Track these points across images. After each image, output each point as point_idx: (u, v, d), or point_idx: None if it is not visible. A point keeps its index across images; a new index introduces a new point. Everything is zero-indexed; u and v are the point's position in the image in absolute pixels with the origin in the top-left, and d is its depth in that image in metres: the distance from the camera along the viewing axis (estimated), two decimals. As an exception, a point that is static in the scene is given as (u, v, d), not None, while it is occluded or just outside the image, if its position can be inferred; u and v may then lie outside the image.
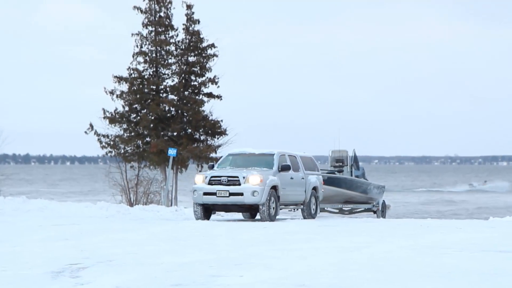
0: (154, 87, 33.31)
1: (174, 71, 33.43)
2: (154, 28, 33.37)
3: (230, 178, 22.46)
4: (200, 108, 33.10)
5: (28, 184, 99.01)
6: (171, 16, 33.56)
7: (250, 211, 23.83)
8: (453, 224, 22.10)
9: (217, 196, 22.44)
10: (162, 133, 32.96)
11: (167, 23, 33.42)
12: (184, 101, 33.16)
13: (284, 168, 23.26)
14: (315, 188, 25.04)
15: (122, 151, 33.02)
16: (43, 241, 15.39)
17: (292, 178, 23.78)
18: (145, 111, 33.03)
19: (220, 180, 22.52)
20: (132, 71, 33.18)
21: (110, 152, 33.13)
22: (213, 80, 33.36)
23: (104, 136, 32.97)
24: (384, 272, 10.69)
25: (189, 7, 33.49)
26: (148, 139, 33.11)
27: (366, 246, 14.43)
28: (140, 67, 33.31)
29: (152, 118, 32.82)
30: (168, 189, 31.46)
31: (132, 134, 33.12)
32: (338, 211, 33.43)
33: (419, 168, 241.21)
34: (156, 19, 33.34)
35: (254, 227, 19.73)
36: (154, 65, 33.37)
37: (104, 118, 32.92)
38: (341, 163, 33.88)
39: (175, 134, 32.98)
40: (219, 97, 33.60)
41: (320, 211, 27.21)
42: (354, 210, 33.41)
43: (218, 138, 33.41)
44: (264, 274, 10.48)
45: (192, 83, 33.51)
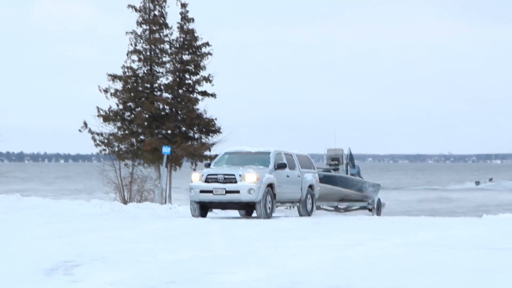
0: (148, 85, 33.27)
1: (168, 70, 33.40)
2: (148, 27, 33.33)
3: (226, 176, 22.59)
4: (194, 106, 33.09)
5: (23, 182, 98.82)
6: (166, 15, 33.53)
7: (247, 209, 23.93)
8: (446, 221, 22.16)
9: (213, 194, 22.57)
10: (156, 131, 32.93)
11: (161, 21, 33.38)
12: (178, 99, 33.13)
13: (280, 166, 23.40)
14: (311, 186, 25.14)
15: (116, 149, 32.98)
16: (37, 238, 15.38)
17: (288, 176, 23.89)
18: (139, 109, 33.00)
19: (216, 178, 22.65)
20: (126, 70, 33.14)
21: (104, 150, 33.09)
22: (207, 79, 33.34)
23: (98, 134, 32.93)
24: (378, 269, 10.72)
25: (183, 5, 33.45)
26: (142, 137, 33.07)
27: (360, 243, 14.46)
28: (135, 66, 33.29)
29: (146, 116, 32.80)
30: (162, 187, 31.45)
31: (126, 132, 33.08)
32: (333, 209, 33.52)
33: (414, 166, 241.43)
34: (151, 17, 33.30)
35: (249, 225, 19.75)
36: (149, 63, 33.35)
37: (98, 116, 32.87)
38: (336, 162, 33.96)
39: (169, 132, 32.95)
40: (213, 95, 33.59)
41: (316, 209, 27.28)
42: (349, 208, 33.49)
43: (212, 136, 33.39)
44: (258, 271, 10.50)
45: (186, 82, 33.48)
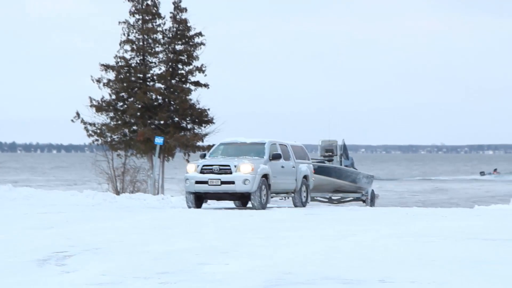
0: (141, 76, 33.21)
1: (161, 60, 33.34)
2: (141, 16, 33.25)
3: (221, 167, 22.66)
4: (187, 97, 33.05)
5: (17, 172, 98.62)
6: (158, 4, 33.45)
7: (242, 199, 24.01)
8: (438, 212, 22.21)
9: (208, 185, 22.64)
10: (149, 121, 32.89)
11: (154, 11, 33.30)
12: (171, 89, 33.09)
13: (275, 157, 23.49)
14: (305, 177, 25.22)
15: (109, 139, 32.93)
16: (29, 229, 15.37)
17: (283, 167, 23.97)
18: (132, 99, 32.94)
19: (211, 169, 22.71)
20: (119, 60, 33.07)
21: (97, 140, 33.04)
22: (200, 69, 33.29)
23: (90, 124, 32.87)
24: (369, 260, 10.75)
25: (176, -5, 33.36)
26: (135, 127, 33.03)
27: (352, 234, 14.49)
28: (127, 56, 33.23)
29: (139, 106, 32.75)
30: (155, 177, 31.44)
31: (119, 122, 33.03)
32: (327, 200, 33.57)
33: (407, 157, 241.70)
34: (143, 7, 33.22)
35: (241, 216, 19.77)
36: (141, 53, 33.28)
37: (90, 106, 32.81)
38: (331, 153, 34.03)
39: (162, 122, 32.91)
40: (206, 85, 33.55)
41: (310, 200, 27.33)
42: (343, 199, 33.55)
43: (205, 127, 33.38)
44: (250, 262, 10.52)
45: (179, 72, 33.43)
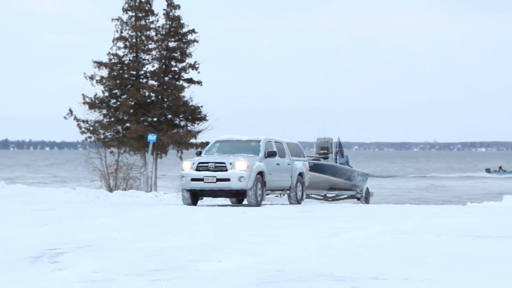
0: (134, 73, 33.17)
1: (154, 57, 33.31)
2: (134, 13, 33.19)
3: (217, 164, 22.80)
4: (180, 94, 33.03)
5: (11, 169, 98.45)
6: (151, 1, 33.40)
7: (237, 197, 24.11)
8: (431, 209, 22.24)
9: (204, 182, 22.78)
10: (142, 118, 32.86)
11: (147, 8, 33.25)
12: (164, 86, 33.06)
13: (270, 154, 23.63)
14: (301, 174, 25.33)
15: (102, 136, 32.90)
16: (22, 226, 15.34)
17: (278, 164, 24.09)
18: (125, 96, 32.91)
19: (207, 166, 22.84)
20: (112, 57, 33.03)
21: (90, 137, 33.01)
22: (193, 66, 33.28)
23: (83, 121, 32.83)
24: (362, 257, 10.76)
25: (169, -8, 33.32)
26: (128, 124, 33.00)
27: (345, 231, 14.50)
28: (120, 53, 33.18)
29: (132, 103, 32.71)
30: (148, 174, 31.41)
31: (112, 119, 32.99)
32: (322, 197, 33.64)
33: (400, 154, 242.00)
34: (136, 4, 33.17)
35: (234, 213, 19.77)
36: (134, 50, 33.23)
37: (83, 103, 32.77)
38: (326, 151, 34.12)
39: (155, 119, 32.89)
40: (199, 82, 33.54)
41: (305, 197, 27.39)
42: (338, 196, 33.62)
43: (198, 124, 33.37)
44: (243, 259, 10.52)
45: (172, 69, 33.40)
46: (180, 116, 33.27)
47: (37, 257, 10.75)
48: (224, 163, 22.76)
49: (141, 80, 33.24)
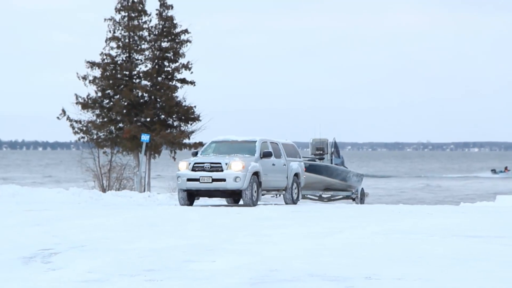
0: (127, 73, 33.13)
1: (147, 57, 33.27)
2: (127, 13, 33.14)
3: (213, 165, 22.92)
4: (173, 94, 33.00)
5: (7, 169, 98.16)
6: (144, 1, 33.34)
7: (233, 197, 24.18)
8: (424, 209, 22.27)
9: (200, 182, 22.87)
10: (135, 119, 32.82)
11: (140, 8, 33.20)
12: (157, 86, 33.02)
13: (265, 155, 23.74)
14: (296, 175, 25.41)
15: (95, 136, 32.85)
16: (15, 226, 15.31)
17: (274, 165, 24.19)
18: (118, 96, 32.85)
19: (203, 167, 22.96)
20: (105, 57, 32.98)
21: (83, 137, 32.95)
22: (186, 66, 33.25)
23: (76, 121, 32.78)
24: (356, 257, 10.76)
25: (162, -8, 33.28)
26: (121, 125, 32.95)
27: (338, 231, 14.51)
28: (113, 53, 33.12)
29: (125, 103, 32.67)
30: (141, 175, 31.38)
31: (105, 119, 32.94)
32: (317, 198, 33.67)
33: (394, 154, 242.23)
34: (129, 4, 33.13)
35: (227, 213, 19.77)
36: (127, 50, 33.19)
37: (76, 103, 32.71)
38: (321, 151, 34.17)
39: (148, 120, 32.85)
40: (192, 83, 33.51)
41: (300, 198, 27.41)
42: (333, 197, 33.66)
43: (191, 124, 33.34)
44: (236, 259, 10.52)
45: (165, 69, 33.36)
46: (173, 116, 33.24)
47: (30, 257, 10.73)
48: (219, 163, 22.87)
49: (134, 80, 33.20)
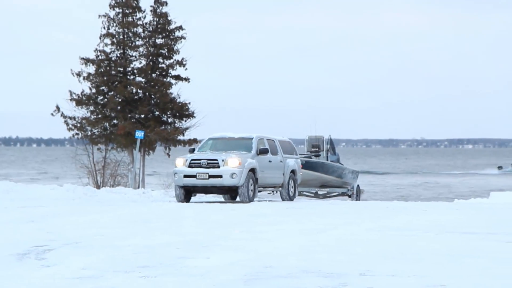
0: (122, 69, 33.08)
1: (141, 53, 33.23)
2: (121, 10, 33.09)
3: (209, 161, 22.99)
4: (167, 91, 32.97)
5: (3, 165, 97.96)
6: (139, -2, 33.31)
7: (230, 193, 24.23)
8: (418, 206, 22.30)
9: (197, 179, 22.93)
10: (130, 115, 32.79)
11: (134, 4, 33.15)
12: (152, 83, 32.98)
13: (262, 152, 23.82)
14: (293, 171, 25.46)
15: (89, 133, 32.81)
16: (9, 223, 15.28)
17: (270, 161, 24.27)
18: (112, 93, 32.81)
19: (200, 163, 23.03)
20: (99, 53, 32.92)
21: (77, 134, 32.92)
22: (180, 63, 33.22)
23: (71, 118, 32.73)
24: (350, 253, 10.77)
25: (157, -11, 33.24)
26: (115, 121, 32.91)
27: (333, 228, 14.52)
28: (107, 49, 33.07)
29: (120, 100, 32.63)
30: (136, 171, 31.36)
31: (99, 116, 32.90)
32: (313, 195, 33.71)
33: (388, 151, 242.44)
34: (124, 0, 33.08)
35: (222, 210, 19.77)
36: (122, 47, 33.14)
37: (71, 100, 32.66)
38: (317, 148, 34.22)
39: (142, 116, 32.82)
40: (186, 79, 33.49)
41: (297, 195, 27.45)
42: (329, 194, 33.70)
43: (185, 121, 33.33)
44: (231, 256, 10.52)
45: (159, 66, 33.33)
46: (168, 113, 33.22)
47: (24, 254, 10.71)
48: (216, 160, 22.95)
49: (128, 76, 33.16)
